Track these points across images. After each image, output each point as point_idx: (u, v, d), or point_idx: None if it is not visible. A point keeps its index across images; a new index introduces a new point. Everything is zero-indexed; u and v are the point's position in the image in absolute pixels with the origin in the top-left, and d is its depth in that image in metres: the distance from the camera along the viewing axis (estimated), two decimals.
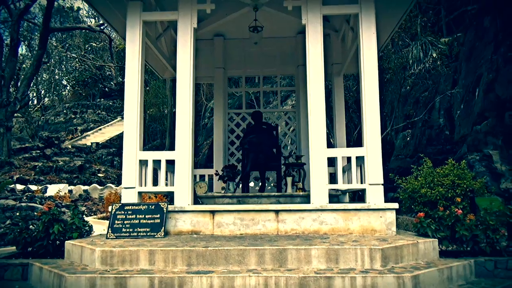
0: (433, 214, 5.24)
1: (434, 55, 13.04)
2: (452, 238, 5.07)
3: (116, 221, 5.29)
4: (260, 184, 8.01)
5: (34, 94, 36.23)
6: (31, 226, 5.73)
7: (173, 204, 5.58)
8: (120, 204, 5.48)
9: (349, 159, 5.93)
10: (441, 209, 5.27)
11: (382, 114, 14.50)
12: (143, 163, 5.81)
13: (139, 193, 5.72)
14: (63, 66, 36.40)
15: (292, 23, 7.40)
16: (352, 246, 4.28)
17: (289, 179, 7.14)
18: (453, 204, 5.63)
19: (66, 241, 5.08)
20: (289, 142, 10.27)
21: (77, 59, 33.61)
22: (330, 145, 12.16)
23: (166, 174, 6.41)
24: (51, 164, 18.71)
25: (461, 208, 5.39)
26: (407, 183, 6.35)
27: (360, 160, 5.70)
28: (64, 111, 32.23)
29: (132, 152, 5.72)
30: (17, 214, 8.59)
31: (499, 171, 8.86)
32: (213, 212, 5.45)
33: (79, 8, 36.09)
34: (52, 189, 14.13)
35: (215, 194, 7.25)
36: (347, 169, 6.86)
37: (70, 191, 14.68)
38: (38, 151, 20.02)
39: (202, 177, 8.68)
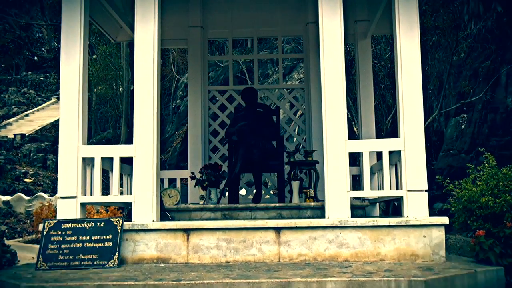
0: (498, 233, 5.26)
1: (499, 9, 13.05)
2: None
3: (49, 245, 5.25)
4: (254, 191, 8.02)
5: None
6: None
7: (131, 220, 5.57)
8: (55, 221, 5.45)
9: (379, 155, 5.94)
10: (508, 225, 5.30)
11: (426, 92, 14.55)
12: (88, 162, 5.80)
13: (83, 204, 5.70)
14: None
15: None
16: (384, 277, 4.29)
17: (295, 184, 7.15)
18: None
19: None
20: (296, 132, 10.29)
21: None
22: (353, 135, 12.22)
23: (121, 178, 6.39)
24: None
25: None
26: (461, 189, 6.37)
27: (396, 156, 5.72)
28: None
29: (72, 147, 5.68)
30: None
31: None
32: (187, 231, 5.44)
33: None
34: None
35: (191, 205, 7.25)
36: (377, 170, 6.89)
37: None
38: None
39: (172, 181, 8.68)
